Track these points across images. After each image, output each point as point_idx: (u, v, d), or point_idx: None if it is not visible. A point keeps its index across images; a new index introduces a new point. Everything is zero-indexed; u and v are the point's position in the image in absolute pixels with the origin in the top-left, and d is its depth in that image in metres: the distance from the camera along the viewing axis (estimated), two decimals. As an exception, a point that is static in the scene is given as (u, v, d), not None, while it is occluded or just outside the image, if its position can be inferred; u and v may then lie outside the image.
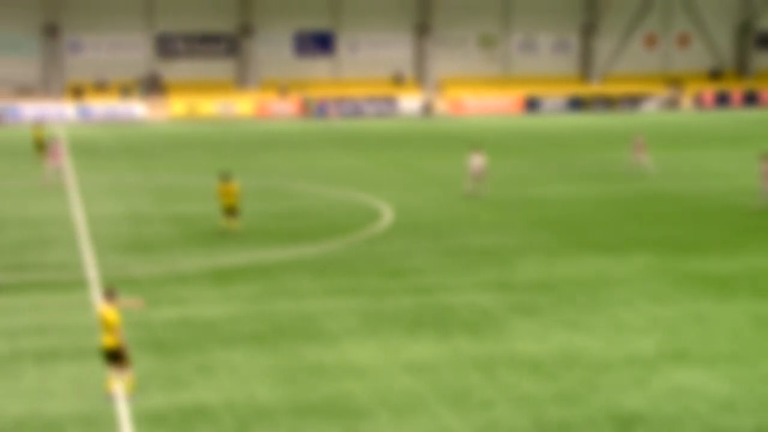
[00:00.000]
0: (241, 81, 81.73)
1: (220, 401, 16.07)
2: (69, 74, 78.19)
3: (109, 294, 16.32)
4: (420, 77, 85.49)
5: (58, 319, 20.78)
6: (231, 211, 29.79)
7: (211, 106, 76.87)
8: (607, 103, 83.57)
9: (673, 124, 71.54)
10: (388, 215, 33.10)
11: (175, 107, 76.78)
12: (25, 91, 77.26)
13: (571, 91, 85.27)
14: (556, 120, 74.81)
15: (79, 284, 23.75)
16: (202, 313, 21.28)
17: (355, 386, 16.76)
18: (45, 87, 77.90)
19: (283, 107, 78.62)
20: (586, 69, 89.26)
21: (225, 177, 30.12)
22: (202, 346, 18.97)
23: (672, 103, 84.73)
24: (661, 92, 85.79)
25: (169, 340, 19.34)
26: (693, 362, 18.03)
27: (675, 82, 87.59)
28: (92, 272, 24.96)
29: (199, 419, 15.33)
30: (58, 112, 73.96)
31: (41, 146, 49.07)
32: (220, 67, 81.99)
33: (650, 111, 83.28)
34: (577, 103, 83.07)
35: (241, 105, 77.65)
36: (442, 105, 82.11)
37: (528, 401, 16.08)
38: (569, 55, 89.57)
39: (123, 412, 15.62)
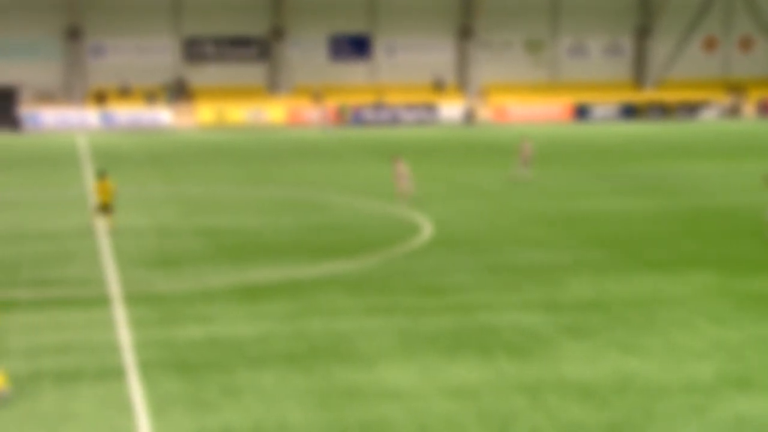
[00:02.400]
0: (273, 87, 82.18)
1: (248, 426, 16.10)
2: (92, 79, 79.07)
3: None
4: (462, 83, 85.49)
5: (80, 338, 20.95)
6: (105, 208, 32.73)
7: (241, 113, 77.34)
8: (663, 110, 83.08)
9: (734, 133, 70.95)
10: (426, 229, 33.09)
11: (202, 114, 77.33)
12: (46, 96, 78.19)
13: (623, 97, 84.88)
14: (607, 129, 74.45)
15: (102, 301, 23.95)
16: (230, 331, 21.36)
17: (391, 411, 16.73)
18: (67, 92, 78.81)
19: (317, 114, 78.91)
20: (639, 74, 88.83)
21: (101, 175, 33.30)
22: (229, 366, 19.03)
23: (733, 111, 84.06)
24: (721, 99, 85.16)
25: (195, 360, 19.43)
26: (756, 389, 17.82)
27: (736, 88, 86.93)
28: (115, 288, 25.16)
29: (227, 444, 15.37)
30: (80, 119, 74.75)
31: None
32: (251, 72, 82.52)
33: (709, 119, 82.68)
34: (630, 111, 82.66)
35: (273, 112, 78.05)
36: (485, 113, 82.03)
37: (577, 429, 15.96)
38: (622, 60, 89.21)
39: (147, 435, 15.72)
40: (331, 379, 18.24)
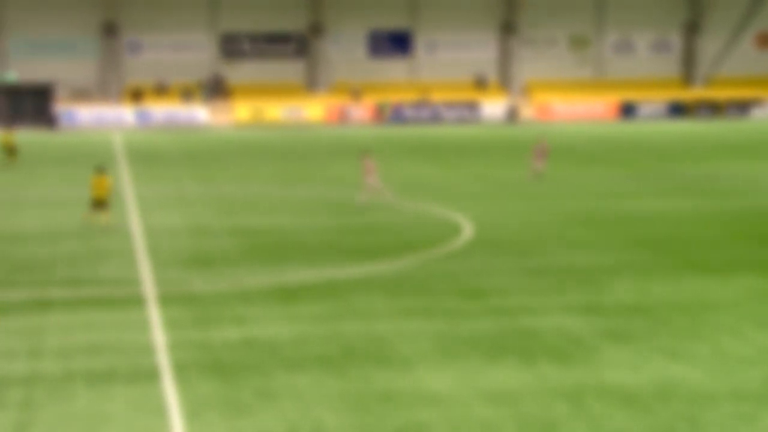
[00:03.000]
0: (311, 84, 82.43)
1: (284, 429, 16.18)
2: (128, 76, 79.76)
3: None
4: (504, 80, 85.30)
5: (114, 339, 21.15)
6: (101, 203, 33.51)
7: (279, 110, 77.67)
8: (713, 109, 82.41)
9: (786, 132, 70.25)
10: (467, 230, 33.07)
11: (239, 112, 77.74)
12: (82, 94, 78.98)
13: (671, 95, 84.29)
14: (654, 127, 73.99)
15: (136, 301, 24.16)
16: (266, 333, 21.48)
17: (429, 416, 16.75)
18: (103, 90, 79.56)
19: (356, 112, 79.07)
20: (688, 71, 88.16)
21: (99, 170, 34.17)
22: (265, 369, 19.14)
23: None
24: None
25: (230, 362, 19.56)
26: (806, 397, 17.65)
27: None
28: (150, 288, 25.37)
29: (261, 448, 15.46)
30: (116, 117, 75.43)
31: (11, 152, 51.70)
32: (289, 69, 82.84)
33: (762, 118, 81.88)
34: (678, 109, 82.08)
35: (311, 110, 78.31)
36: (528, 111, 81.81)
37: (620, 436, 15.89)
38: (670, 56, 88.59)
39: (180, 438, 15.85)
40: (368, 383, 18.28)
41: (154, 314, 22.91)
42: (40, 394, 17.75)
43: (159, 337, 21.18)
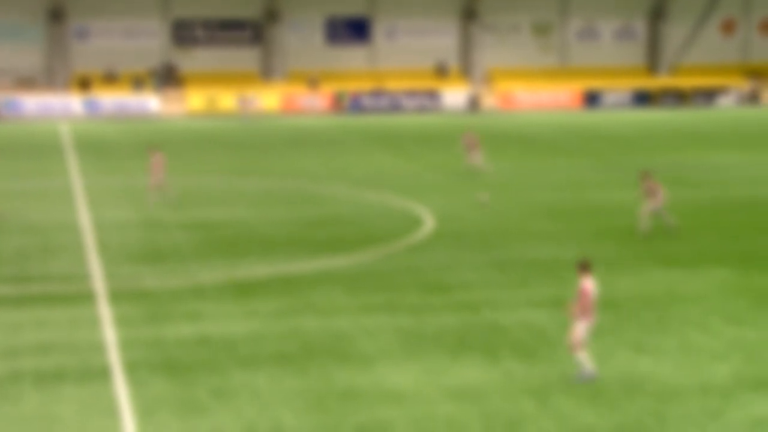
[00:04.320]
0: (267, 72, 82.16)
1: (240, 429, 16.14)
2: (75, 64, 79.02)
3: None
4: (466, 68, 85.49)
5: (63, 336, 20.99)
6: None
7: (233, 100, 77.34)
8: (678, 97, 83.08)
9: (753, 120, 70.96)
10: (429, 223, 33.11)
11: (192, 101, 77.34)
12: (27, 82, 78.16)
13: (636, 84, 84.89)
14: (619, 116, 74.49)
15: (86, 297, 23.98)
16: (222, 330, 21.39)
17: (392, 414, 16.76)
18: (49, 78, 78.76)
19: (313, 101, 78.94)
20: (653, 59, 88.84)
21: None
22: (220, 367, 19.07)
23: (752, 98, 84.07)
24: (740, 85, 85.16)
25: (185, 360, 19.46)
26: (775, 391, 17.85)
27: (756, 73, 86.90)
28: (100, 284, 25.19)
29: (218, 449, 15.41)
30: (63, 106, 74.74)
31: None
32: (244, 57, 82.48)
33: (727, 106, 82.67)
34: (643, 98, 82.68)
35: (266, 99, 78.05)
36: (490, 99, 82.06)
37: (587, 433, 16.00)
38: (635, 44, 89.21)
39: (133, 440, 15.75)
40: (328, 381, 18.27)
41: (105, 311, 22.75)
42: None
43: (110, 334, 21.04)
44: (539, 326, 21.63)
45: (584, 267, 18.21)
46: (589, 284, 18.00)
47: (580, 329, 17.95)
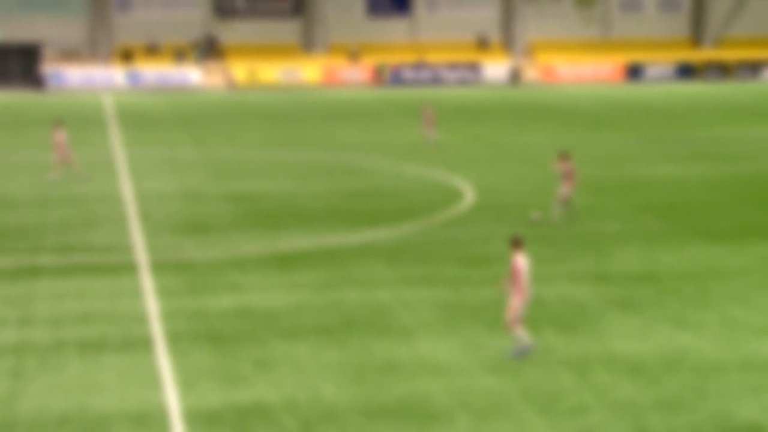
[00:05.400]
0: (308, 44, 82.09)
1: (281, 400, 16.24)
2: (118, 36, 79.35)
3: None
4: (507, 41, 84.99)
5: (105, 306, 21.19)
6: None
7: (274, 72, 77.43)
8: (722, 70, 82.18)
9: (798, 95, 70.12)
10: (469, 196, 33.06)
11: (234, 73, 77.49)
12: (71, 54, 78.62)
13: (680, 56, 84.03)
14: (662, 90, 73.83)
15: (128, 268, 24.18)
16: (263, 302, 21.51)
17: (431, 386, 16.81)
18: (92, 50, 79.18)
19: (354, 74, 78.83)
20: (698, 31, 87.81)
21: None
22: (262, 338, 19.18)
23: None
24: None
25: (226, 331, 19.60)
26: (817, 367, 17.72)
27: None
28: (142, 255, 25.39)
29: (258, 420, 15.52)
30: (106, 78, 75.17)
31: None
32: (285, 29, 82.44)
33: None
34: (686, 71, 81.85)
35: (307, 71, 78.06)
36: (531, 72, 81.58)
37: (627, 407, 15.96)
38: (678, 15, 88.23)
39: (174, 409, 15.89)
40: (368, 353, 18.33)
41: (147, 282, 22.94)
42: (30, 364, 17.80)
43: (152, 305, 21.22)
44: (579, 300, 21.57)
45: (516, 243, 18.05)
46: (521, 260, 17.90)
47: (515, 305, 17.84)
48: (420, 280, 23.10)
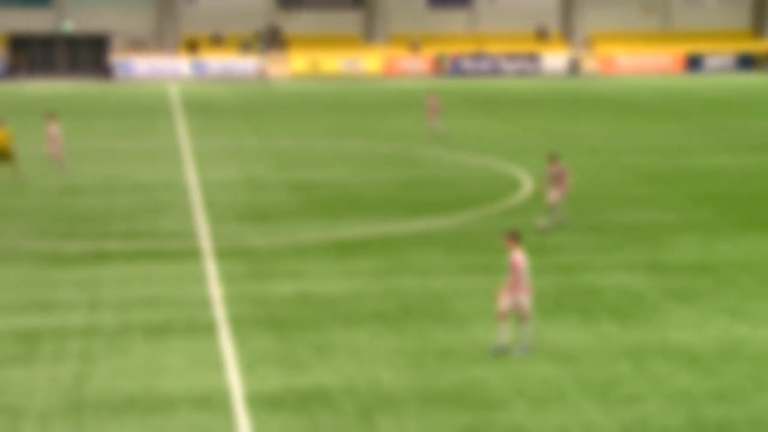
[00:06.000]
0: (369, 35, 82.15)
1: (340, 385, 16.33)
2: (184, 26, 80.00)
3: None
4: (567, 32, 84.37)
5: (171, 291, 21.44)
6: (5, 156, 33.20)
7: (336, 62, 77.60)
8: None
9: None
10: (527, 185, 32.92)
11: (296, 63, 77.79)
12: (138, 44, 79.43)
13: (740, 47, 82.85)
14: (722, 81, 72.87)
15: (193, 254, 24.43)
16: (323, 288, 21.62)
17: (488, 373, 16.80)
18: (159, 40, 79.92)
19: (414, 64, 78.75)
20: (759, 22, 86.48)
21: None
22: (321, 324, 19.29)
23: None
24: None
25: (287, 316, 19.74)
26: None
27: None
28: (206, 242, 25.63)
29: (318, 403, 15.63)
30: (172, 68, 75.83)
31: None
32: (346, 20, 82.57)
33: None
34: (747, 62, 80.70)
35: (368, 61, 78.13)
36: (591, 63, 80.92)
37: (683, 397, 15.84)
38: (739, 6, 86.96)
39: (237, 391, 16.06)
40: (426, 340, 18.36)
41: (211, 268, 23.16)
42: (98, 346, 18.08)
43: (215, 290, 21.43)
44: (635, 290, 21.41)
45: (514, 238, 17.40)
46: (519, 256, 17.30)
47: (506, 301, 17.31)
48: (477, 269, 23.08)
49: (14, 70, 73.68)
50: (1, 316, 19.88)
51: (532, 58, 79.77)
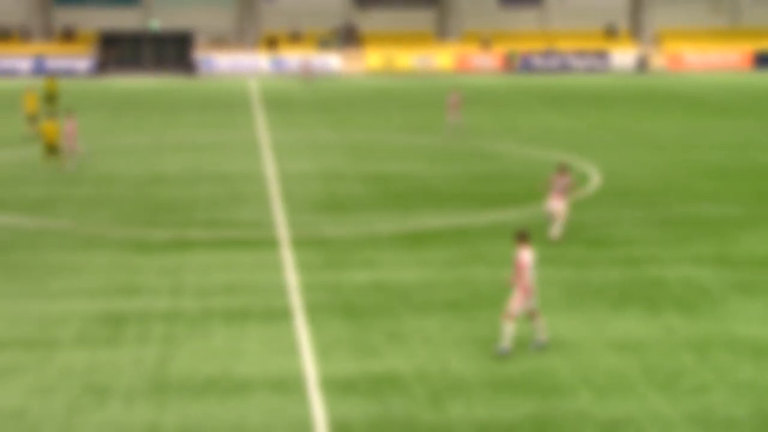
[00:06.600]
0: (441, 33, 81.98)
1: (412, 371, 16.36)
2: (263, 24, 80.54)
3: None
4: (635, 29, 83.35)
5: (249, 279, 21.63)
6: (53, 149, 34.57)
7: (409, 59, 77.54)
8: None
9: None
10: (595, 179, 32.62)
11: (371, 60, 77.89)
12: (220, 41, 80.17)
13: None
14: (790, 78, 71.43)
15: (270, 243, 24.61)
16: (396, 277, 21.66)
17: (555, 362, 16.71)
18: (239, 37, 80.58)
19: (485, 61, 78.42)
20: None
21: (51, 115, 34.48)
22: (394, 312, 19.33)
23: None
24: None
25: (361, 304, 19.81)
26: None
27: None
28: (283, 231, 25.81)
29: (390, 388, 15.67)
30: (252, 64, 76.41)
31: (52, 99, 50.47)
32: (419, 18, 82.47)
33: None
34: (815, 59, 78.94)
35: (441, 58, 77.95)
36: (659, 60, 79.84)
37: (748, 388, 15.60)
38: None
39: (311, 376, 16.16)
40: (496, 328, 18.30)
41: (288, 256, 23.32)
42: (180, 330, 18.32)
43: (292, 278, 21.57)
44: (701, 282, 21.12)
45: (522, 238, 17.00)
46: (527, 255, 16.87)
47: (516, 301, 16.87)
48: (546, 260, 22.91)
49: (104, 66, 74.83)
50: (89, 300, 20.23)
51: (601, 55, 78.93)
